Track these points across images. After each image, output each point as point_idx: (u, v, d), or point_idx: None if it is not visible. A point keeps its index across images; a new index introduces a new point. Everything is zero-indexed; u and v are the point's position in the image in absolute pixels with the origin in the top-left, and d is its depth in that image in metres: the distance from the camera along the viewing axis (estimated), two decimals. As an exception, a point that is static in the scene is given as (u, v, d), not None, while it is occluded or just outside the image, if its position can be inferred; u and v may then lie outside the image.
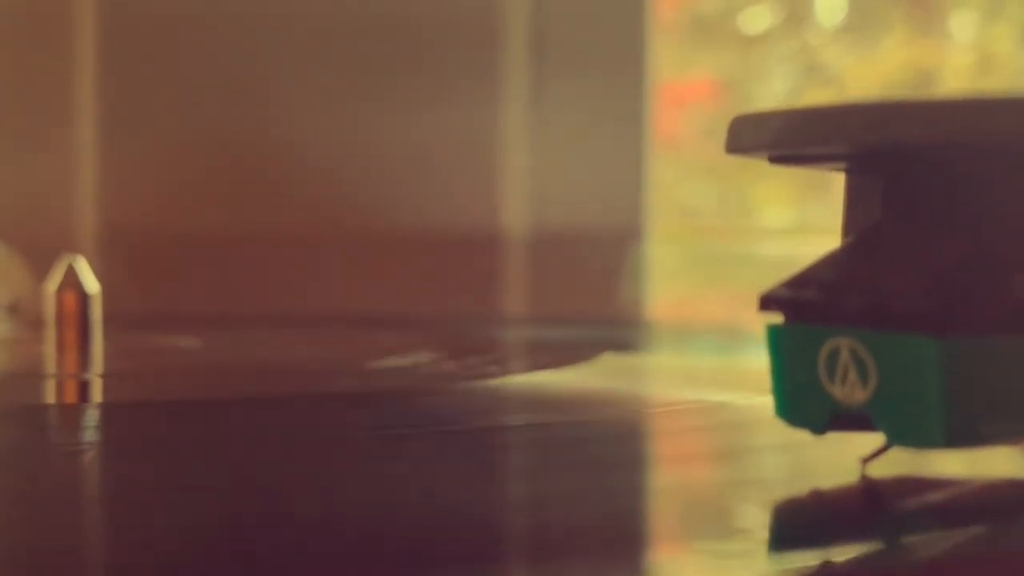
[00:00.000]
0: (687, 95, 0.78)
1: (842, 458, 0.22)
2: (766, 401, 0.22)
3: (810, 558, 0.17)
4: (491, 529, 0.18)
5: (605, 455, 0.24)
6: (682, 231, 0.75)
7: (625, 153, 0.66)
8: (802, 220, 0.75)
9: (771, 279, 0.21)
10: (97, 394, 0.34)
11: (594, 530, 0.18)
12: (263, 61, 0.62)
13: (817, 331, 0.20)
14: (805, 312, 0.21)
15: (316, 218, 0.62)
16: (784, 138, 0.21)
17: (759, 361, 0.22)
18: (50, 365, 0.39)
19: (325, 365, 0.40)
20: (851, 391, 0.20)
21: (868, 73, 0.71)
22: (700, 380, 0.37)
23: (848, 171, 0.22)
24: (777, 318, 0.21)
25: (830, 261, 0.21)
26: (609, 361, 0.39)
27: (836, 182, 0.23)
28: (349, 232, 0.62)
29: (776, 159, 0.22)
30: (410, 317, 0.56)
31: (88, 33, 0.61)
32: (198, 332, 0.48)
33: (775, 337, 0.21)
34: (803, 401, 0.21)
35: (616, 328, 0.54)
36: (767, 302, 0.21)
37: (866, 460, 0.21)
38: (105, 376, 0.36)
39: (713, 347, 0.46)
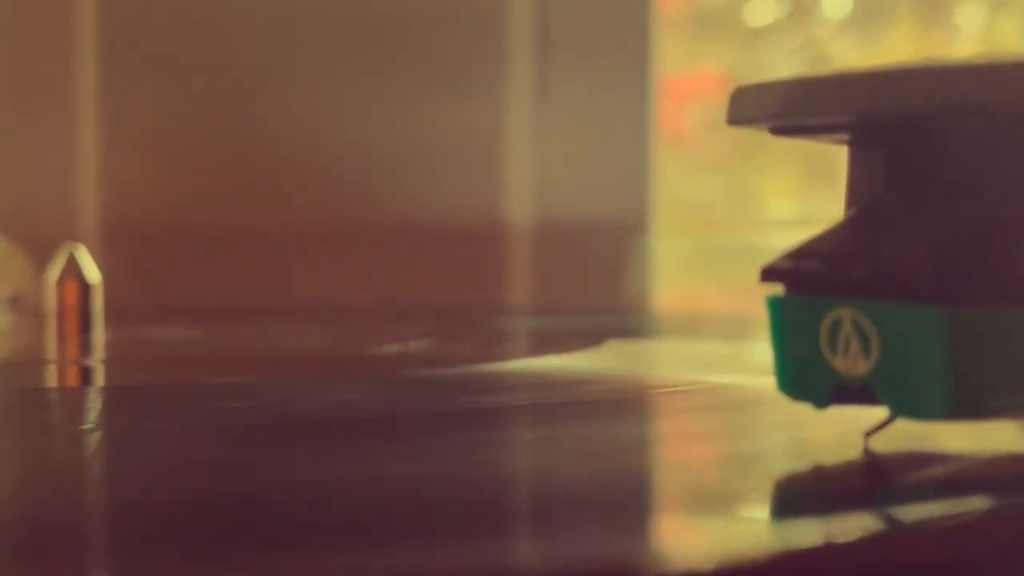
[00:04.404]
0: (692, 89, 0.78)
1: (845, 434, 0.22)
2: (769, 382, 0.21)
3: (812, 533, 0.17)
4: (499, 503, 0.18)
5: (609, 433, 0.24)
6: (687, 224, 0.75)
7: (630, 146, 0.66)
8: (808, 212, 0.75)
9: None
10: (98, 380, 0.34)
11: (599, 505, 0.18)
12: (265, 54, 0.62)
13: (819, 302, 0.20)
14: (807, 283, 0.21)
15: (318, 211, 0.62)
16: (787, 108, 0.21)
17: (763, 349, 0.22)
18: (51, 353, 0.39)
19: (327, 352, 0.40)
20: (853, 362, 0.20)
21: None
22: (704, 364, 0.37)
23: (850, 143, 0.22)
24: (778, 290, 0.21)
25: (832, 232, 0.21)
26: (614, 347, 0.39)
27: (841, 173, 0.23)
28: (352, 224, 0.62)
29: (778, 130, 0.22)
30: (414, 308, 0.56)
31: (89, 27, 0.61)
32: (200, 324, 0.48)
33: (776, 309, 0.21)
34: (805, 374, 0.21)
35: (621, 318, 0.54)
36: (768, 273, 0.21)
37: (869, 433, 0.21)
38: (106, 363, 0.36)
39: (718, 336, 0.46)
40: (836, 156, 0.23)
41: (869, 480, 0.20)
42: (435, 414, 0.27)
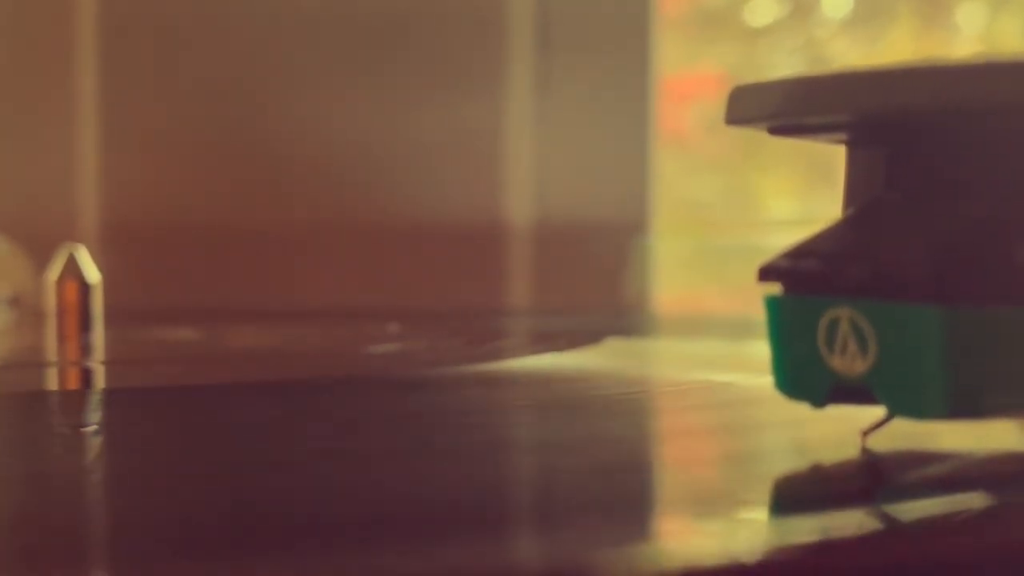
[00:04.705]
0: (692, 89, 0.78)
1: (843, 433, 0.22)
2: (768, 381, 0.21)
3: (810, 531, 0.17)
4: (499, 501, 0.18)
5: (607, 432, 0.24)
6: (687, 224, 0.75)
7: (630, 146, 0.66)
8: (808, 212, 0.75)
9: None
10: (98, 381, 0.34)
11: (598, 503, 0.18)
12: (265, 54, 0.62)
13: (816, 301, 0.20)
14: (805, 282, 0.21)
15: (318, 211, 0.62)
16: (785, 107, 0.21)
17: (763, 348, 0.22)
18: (51, 353, 0.38)
19: (326, 352, 0.40)
20: (851, 362, 0.20)
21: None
22: (703, 363, 0.37)
23: (849, 143, 0.22)
24: (776, 289, 0.21)
25: (831, 232, 0.21)
26: (614, 345, 0.39)
27: (841, 173, 0.23)
28: (351, 225, 0.62)
29: (776, 130, 0.22)
30: (414, 309, 0.56)
31: (89, 27, 0.61)
32: (200, 324, 0.48)
33: (774, 308, 0.21)
34: (802, 373, 0.21)
35: (621, 318, 0.54)
36: (766, 272, 0.21)
37: (866, 432, 0.21)
38: (106, 363, 0.36)
39: (717, 335, 0.46)
40: (836, 156, 0.23)
41: (867, 479, 0.20)
42: (433, 414, 0.27)
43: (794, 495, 0.19)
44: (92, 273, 0.40)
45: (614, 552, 0.15)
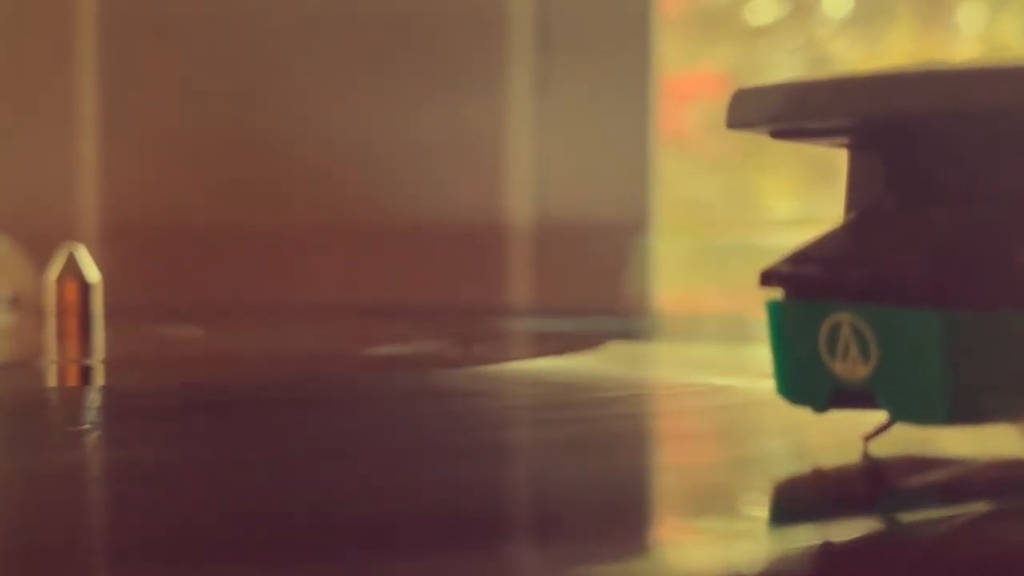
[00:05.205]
0: (692, 89, 0.78)
1: (845, 437, 0.22)
2: (769, 385, 0.21)
3: (811, 537, 0.17)
4: (496, 508, 0.18)
5: (608, 435, 0.24)
6: (687, 224, 0.75)
7: (630, 146, 0.66)
8: (808, 212, 0.75)
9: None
10: (97, 379, 0.34)
11: (598, 509, 0.18)
12: (265, 54, 0.62)
13: (818, 306, 0.20)
14: (806, 287, 0.21)
15: (319, 211, 0.62)
16: (786, 111, 0.21)
17: (763, 350, 0.22)
18: (51, 352, 0.38)
19: (325, 352, 0.40)
20: (852, 367, 0.20)
21: (875, 66, 0.71)
22: (704, 366, 0.37)
23: (850, 147, 0.22)
24: (777, 294, 0.21)
25: (832, 237, 0.21)
26: (614, 348, 0.39)
27: (841, 173, 0.22)
28: (352, 224, 0.62)
29: (778, 134, 0.22)
30: (413, 308, 0.56)
31: (89, 27, 0.61)
32: (200, 323, 0.48)
33: (775, 313, 0.21)
34: (804, 378, 0.21)
35: (621, 319, 0.54)
36: (767, 277, 0.21)
37: (868, 437, 0.21)
38: (105, 363, 0.36)
39: (718, 338, 0.46)
40: (836, 156, 0.23)
41: (868, 484, 0.20)
42: (430, 416, 0.26)
43: (795, 501, 0.19)
44: (92, 273, 0.40)
45: (611, 560, 0.15)
